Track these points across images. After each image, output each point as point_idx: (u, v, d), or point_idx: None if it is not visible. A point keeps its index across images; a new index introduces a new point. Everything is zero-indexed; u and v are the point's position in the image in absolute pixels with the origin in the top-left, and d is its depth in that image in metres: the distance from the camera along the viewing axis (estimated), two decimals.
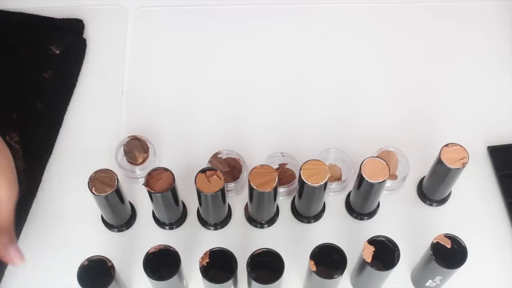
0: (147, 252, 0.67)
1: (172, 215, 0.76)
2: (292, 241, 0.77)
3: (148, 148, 0.79)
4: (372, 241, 0.67)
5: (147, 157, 0.79)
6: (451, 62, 0.88)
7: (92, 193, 0.69)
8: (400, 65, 0.88)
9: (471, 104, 0.85)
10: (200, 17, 0.93)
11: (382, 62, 0.88)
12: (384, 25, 0.90)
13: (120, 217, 0.76)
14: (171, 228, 0.77)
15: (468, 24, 0.90)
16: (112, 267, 0.66)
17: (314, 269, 0.65)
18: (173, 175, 0.70)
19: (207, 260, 0.66)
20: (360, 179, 0.71)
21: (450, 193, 0.79)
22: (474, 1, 0.91)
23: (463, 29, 0.90)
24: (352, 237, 0.77)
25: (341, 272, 0.66)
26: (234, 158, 0.79)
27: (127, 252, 0.76)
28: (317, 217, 0.78)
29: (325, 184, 0.69)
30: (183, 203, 0.78)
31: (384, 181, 0.70)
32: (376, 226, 0.77)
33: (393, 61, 0.88)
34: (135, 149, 0.78)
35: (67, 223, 0.78)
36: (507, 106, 0.85)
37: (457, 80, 0.87)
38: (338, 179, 0.79)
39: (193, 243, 0.77)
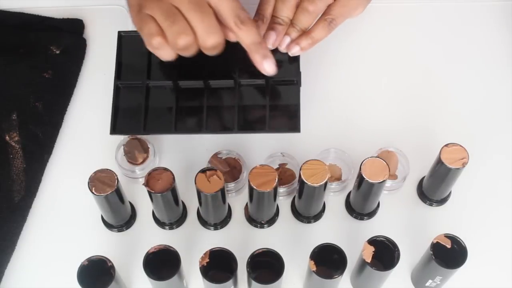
0: (147, 252, 0.67)
1: (172, 215, 0.76)
2: (292, 241, 0.77)
3: (148, 148, 0.79)
4: (372, 241, 0.67)
5: (147, 157, 0.79)
6: (451, 62, 0.88)
7: (92, 193, 0.69)
8: (400, 65, 0.87)
9: (471, 104, 0.85)
10: None
11: (382, 62, 0.88)
12: (384, 26, 0.90)
13: (120, 217, 0.76)
14: (171, 228, 0.77)
15: (468, 24, 0.90)
16: (112, 267, 0.66)
17: (314, 269, 0.65)
18: (173, 175, 0.70)
19: (207, 260, 0.66)
20: (360, 179, 0.71)
21: (450, 193, 0.79)
22: (474, 1, 0.91)
23: (463, 29, 0.90)
24: (352, 237, 0.77)
25: (341, 272, 0.66)
26: (234, 158, 0.79)
27: (127, 252, 0.76)
28: (317, 217, 0.78)
29: (325, 184, 0.69)
30: (183, 203, 0.78)
31: (384, 181, 0.70)
32: (376, 226, 0.78)
33: (393, 61, 0.88)
34: (135, 149, 0.78)
35: (67, 223, 0.78)
36: (507, 106, 0.85)
37: (457, 80, 0.86)
38: (338, 179, 0.79)
39: (193, 243, 0.77)
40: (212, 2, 0.68)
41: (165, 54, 0.70)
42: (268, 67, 0.72)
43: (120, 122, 0.78)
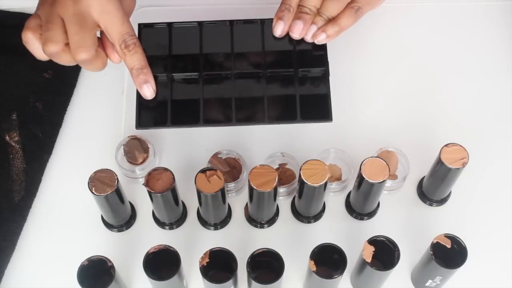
0: (147, 252, 0.67)
1: (172, 215, 0.76)
2: (292, 241, 0.77)
3: (148, 148, 0.79)
4: (372, 241, 0.67)
5: (147, 157, 0.79)
6: (451, 62, 0.88)
7: (92, 193, 0.69)
8: (400, 64, 0.88)
9: (472, 104, 0.85)
10: (200, 17, 0.93)
11: (382, 62, 0.88)
12: (384, 25, 0.90)
13: (120, 217, 0.76)
14: (171, 228, 0.77)
15: (468, 24, 0.90)
16: (112, 267, 0.66)
17: (314, 269, 0.65)
18: (173, 175, 0.70)
19: (207, 260, 0.66)
20: (360, 179, 0.71)
21: (450, 193, 0.79)
22: (474, 1, 0.91)
23: (463, 28, 0.90)
24: (352, 237, 0.77)
25: (341, 272, 0.66)
26: (234, 158, 0.79)
27: (127, 252, 0.76)
28: (317, 217, 0.78)
29: (325, 184, 0.69)
30: (183, 203, 0.78)
31: (384, 181, 0.70)
32: (376, 226, 0.78)
33: (393, 61, 0.88)
34: (135, 149, 0.78)
35: (67, 223, 0.78)
36: (507, 106, 0.85)
37: (457, 80, 0.86)
38: (338, 179, 0.79)
39: (193, 243, 0.77)
40: (102, 24, 0.70)
41: (34, 50, 0.72)
42: (146, 91, 0.74)
43: (144, 116, 0.77)
